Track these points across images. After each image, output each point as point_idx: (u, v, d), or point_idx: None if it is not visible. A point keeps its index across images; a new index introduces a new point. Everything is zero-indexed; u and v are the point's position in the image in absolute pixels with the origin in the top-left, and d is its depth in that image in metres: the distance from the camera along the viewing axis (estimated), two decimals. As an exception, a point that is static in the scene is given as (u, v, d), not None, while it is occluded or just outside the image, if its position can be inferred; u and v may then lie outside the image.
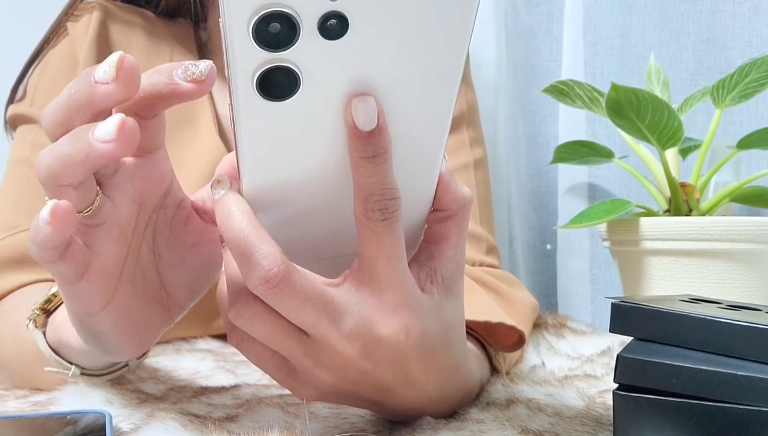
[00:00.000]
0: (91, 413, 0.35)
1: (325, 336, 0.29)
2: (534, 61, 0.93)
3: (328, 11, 0.24)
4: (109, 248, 0.32)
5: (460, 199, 0.31)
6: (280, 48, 0.24)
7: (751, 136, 0.65)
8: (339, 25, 0.24)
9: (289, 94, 0.26)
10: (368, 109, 0.26)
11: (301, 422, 0.35)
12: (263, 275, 0.27)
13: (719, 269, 0.61)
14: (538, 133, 0.93)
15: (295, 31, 0.24)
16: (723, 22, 0.81)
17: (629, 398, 0.29)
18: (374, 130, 0.26)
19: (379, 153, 0.27)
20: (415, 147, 0.28)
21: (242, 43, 0.24)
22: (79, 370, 0.40)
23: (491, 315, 0.44)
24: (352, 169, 0.27)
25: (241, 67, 0.25)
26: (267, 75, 0.25)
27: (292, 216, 0.30)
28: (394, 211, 0.28)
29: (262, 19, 0.23)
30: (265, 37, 0.24)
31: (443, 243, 0.32)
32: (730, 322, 0.29)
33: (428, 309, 0.31)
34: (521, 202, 0.92)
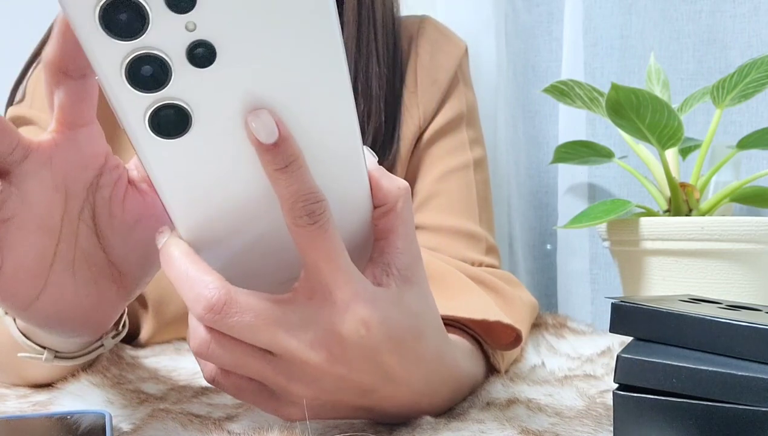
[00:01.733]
0: (91, 413, 0.35)
1: (288, 350, 0.29)
2: (534, 61, 0.93)
3: (191, 42, 0.24)
4: (25, 241, 0.31)
5: (395, 191, 0.31)
6: (159, 87, 0.25)
7: (751, 136, 0.65)
8: (206, 51, 0.24)
9: (185, 128, 0.26)
10: (264, 122, 0.26)
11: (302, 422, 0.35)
12: (206, 304, 0.28)
13: (719, 269, 0.61)
14: (538, 133, 0.93)
15: (167, 68, 0.24)
16: (723, 23, 0.81)
17: (629, 398, 0.29)
18: (278, 141, 0.26)
19: (291, 161, 0.27)
20: (328, 150, 0.28)
21: (122, 91, 0.25)
22: (53, 354, 0.40)
23: (488, 313, 0.44)
24: (271, 184, 0.28)
25: (129, 113, 0.25)
26: (156, 116, 0.25)
27: (240, 248, 0.31)
28: (322, 213, 0.28)
29: (131, 63, 0.24)
30: (141, 81, 0.24)
31: (390, 236, 0.32)
32: (730, 322, 0.29)
33: (385, 300, 0.31)
34: (521, 202, 0.92)
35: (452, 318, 0.43)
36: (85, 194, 0.33)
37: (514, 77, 0.92)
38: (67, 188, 0.32)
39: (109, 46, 0.24)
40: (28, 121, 0.60)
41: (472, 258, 0.60)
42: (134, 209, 0.34)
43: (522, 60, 0.93)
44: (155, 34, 0.24)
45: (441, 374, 0.35)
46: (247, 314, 0.28)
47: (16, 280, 0.31)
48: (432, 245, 0.59)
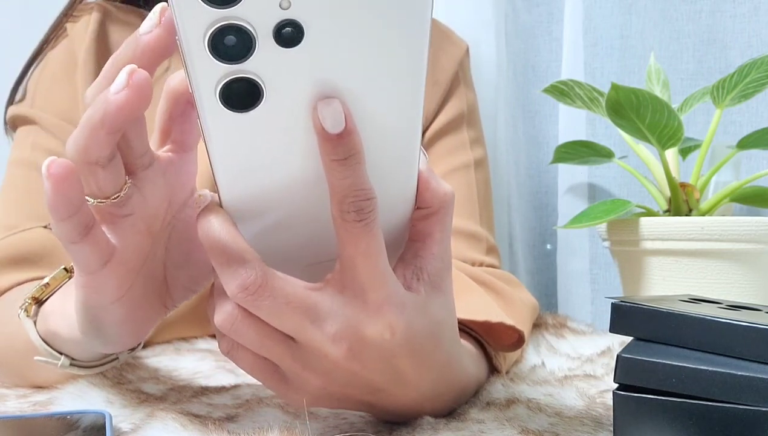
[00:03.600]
0: (91, 413, 0.35)
1: (310, 340, 0.29)
2: (534, 61, 0.93)
3: (282, 20, 0.24)
4: (134, 240, 0.32)
5: (441, 196, 0.31)
6: (238, 60, 0.25)
7: (751, 136, 0.65)
8: (294, 32, 0.24)
9: (254, 104, 0.26)
10: (334, 112, 0.26)
11: (301, 422, 0.35)
12: (241, 283, 0.28)
13: (719, 269, 0.61)
14: (538, 133, 0.93)
15: (251, 42, 0.24)
16: (723, 23, 0.81)
17: (629, 398, 0.29)
18: (343, 133, 0.26)
19: (351, 154, 0.27)
20: (387, 146, 0.28)
21: (200, 58, 0.24)
22: (69, 360, 0.40)
23: (490, 315, 0.44)
24: (325, 173, 0.28)
25: (202, 81, 0.25)
26: (229, 87, 0.25)
27: (274, 224, 0.31)
28: (370, 212, 0.28)
29: (217, 32, 0.24)
30: (222, 50, 0.24)
31: (427, 240, 0.32)
32: (730, 322, 0.29)
33: (413, 306, 0.31)
34: (521, 202, 0.92)
35: None
36: (177, 212, 0.35)
37: (514, 77, 0.92)
38: (171, 199, 0.34)
39: (199, 10, 0.23)
40: (28, 121, 0.60)
41: (473, 258, 0.60)
42: None
43: (522, 60, 0.93)
44: (248, 6, 0.23)
45: (448, 380, 0.35)
46: (279, 298, 0.28)
47: (115, 275, 0.32)
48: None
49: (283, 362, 0.31)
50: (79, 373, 0.41)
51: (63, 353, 0.40)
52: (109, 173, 0.30)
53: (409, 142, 0.28)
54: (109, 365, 0.42)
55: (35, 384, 0.45)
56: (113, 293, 0.33)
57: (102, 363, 0.42)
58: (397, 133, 0.28)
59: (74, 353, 0.40)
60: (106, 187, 0.30)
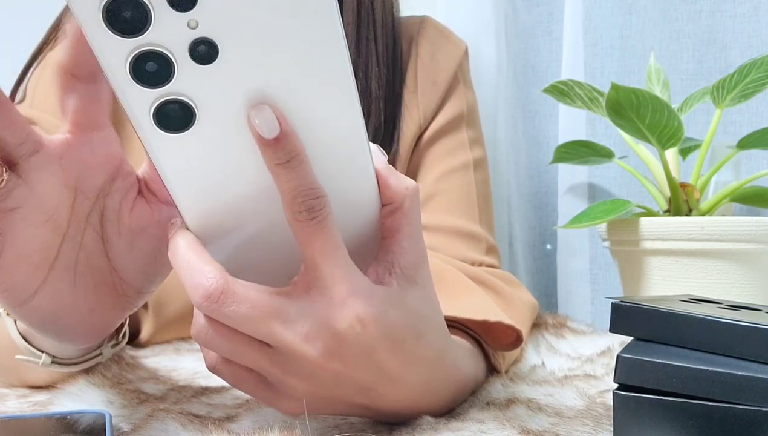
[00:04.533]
0: (91, 413, 0.35)
1: (283, 343, 0.29)
2: (534, 61, 0.93)
3: (194, 39, 0.24)
4: (30, 233, 0.31)
5: (402, 191, 0.31)
6: (162, 83, 0.25)
7: (751, 136, 0.65)
8: (208, 49, 0.25)
9: (189, 123, 0.26)
10: (266, 117, 0.26)
11: (301, 422, 0.35)
12: (203, 292, 0.28)
13: (719, 269, 0.61)
14: (538, 133, 0.93)
15: (169, 64, 0.25)
16: (723, 23, 0.81)
17: (629, 398, 0.29)
18: (279, 136, 0.27)
19: (292, 156, 0.27)
20: (332, 146, 0.28)
21: (128, 86, 0.25)
22: (50, 358, 0.40)
23: (489, 314, 0.44)
24: (273, 179, 0.28)
25: (135, 108, 0.26)
26: (161, 111, 0.26)
27: (246, 241, 0.31)
28: (321, 209, 0.28)
29: (136, 60, 0.25)
30: (145, 76, 0.25)
31: (396, 235, 0.32)
32: (730, 322, 0.29)
33: (386, 299, 0.30)
34: (521, 202, 0.92)
35: (453, 319, 0.43)
36: (96, 197, 0.33)
37: (514, 77, 0.92)
38: (77, 188, 0.32)
39: (114, 43, 0.24)
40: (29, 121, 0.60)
41: (472, 258, 0.60)
42: (142, 217, 0.35)
43: (522, 60, 0.93)
44: (158, 32, 0.24)
45: (441, 376, 0.35)
46: (243, 304, 0.28)
47: (15, 271, 0.31)
48: (432, 244, 0.60)
49: (264, 369, 0.31)
50: (62, 370, 0.41)
51: (44, 351, 0.40)
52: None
53: (354, 139, 0.28)
54: (94, 360, 0.42)
55: (29, 384, 0.45)
56: (22, 290, 0.32)
57: (85, 360, 0.41)
58: (338, 132, 0.28)
59: (54, 350, 0.40)
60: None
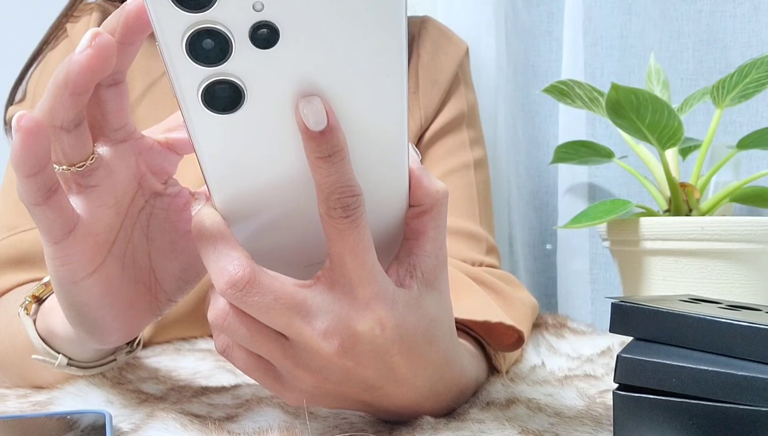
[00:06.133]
0: (91, 413, 0.35)
1: (301, 336, 0.29)
2: (534, 61, 0.93)
3: (256, 22, 0.24)
4: (101, 213, 0.32)
5: (433, 194, 0.31)
6: (217, 62, 0.25)
7: (751, 136, 0.65)
8: (270, 33, 0.24)
9: (237, 105, 0.26)
10: (315, 109, 0.26)
11: (301, 422, 0.35)
12: (229, 279, 0.28)
13: (719, 269, 0.61)
14: (538, 133, 0.93)
15: (227, 44, 0.24)
16: (723, 23, 0.81)
17: (629, 398, 0.29)
18: (325, 130, 0.26)
19: (335, 151, 0.27)
20: (373, 144, 0.28)
21: (180, 62, 0.25)
22: (66, 360, 0.40)
23: (490, 315, 0.44)
24: (311, 171, 0.28)
25: (184, 84, 0.25)
26: (210, 90, 0.26)
27: (268, 225, 0.31)
28: (356, 208, 0.28)
29: (194, 36, 0.24)
30: (200, 54, 0.25)
31: (421, 238, 0.32)
32: (730, 322, 0.29)
33: (405, 302, 0.31)
34: (521, 202, 0.92)
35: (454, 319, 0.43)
36: (149, 197, 0.35)
37: (514, 77, 0.92)
38: (140, 184, 0.34)
39: (175, 15, 0.24)
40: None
41: (473, 258, 0.60)
42: (188, 220, 0.35)
43: (522, 60, 0.93)
44: (222, 10, 0.24)
45: (446, 379, 0.35)
46: (267, 295, 0.28)
47: (82, 245, 0.32)
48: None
49: (276, 360, 0.31)
50: (77, 373, 0.41)
51: (61, 353, 0.40)
52: (74, 139, 0.30)
53: (396, 140, 0.28)
54: (108, 366, 0.42)
55: (36, 385, 0.45)
56: (82, 266, 0.32)
57: (100, 364, 0.42)
58: (383, 131, 0.28)
59: (72, 352, 0.40)
60: (72, 154, 0.30)
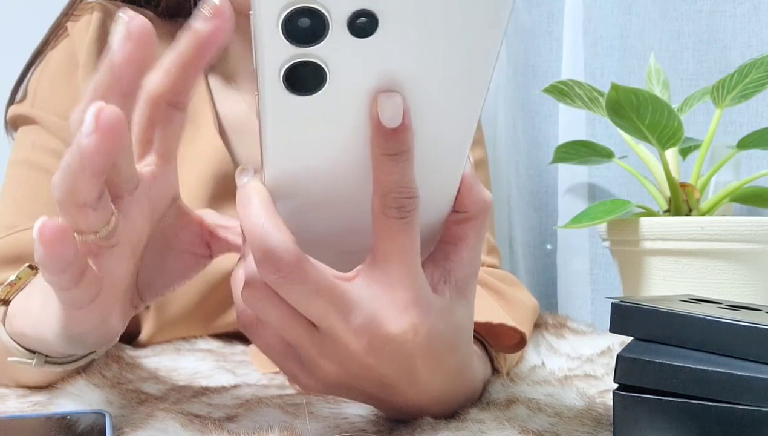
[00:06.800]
0: (91, 413, 0.35)
1: (333, 329, 0.29)
2: (534, 62, 0.93)
3: (359, 9, 0.24)
4: (122, 268, 0.32)
5: (481, 202, 0.31)
6: (309, 43, 0.24)
7: (751, 136, 0.65)
8: (369, 23, 0.24)
9: (316, 89, 0.26)
10: (394, 106, 0.26)
11: (301, 422, 0.35)
12: (275, 263, 0.27)
13: (719, 269, 0.61)
14: (538, 133, 0.93)
15: (324, 27, 0.24)
16: (723, 23, 0.81)
17: (629, 398, 0.29)
18: (399, 128, 0.26)
19: (402, 151, 0.27)
20: (438, 147, 0.28)
21: (271, 37, 0.24)
22: (43, 359, 0.39)
23: (492, 316, 0.44)
24: (372, 165, 0.27)
25: (269, 60, 0.25)
26: (294, 69, 0.25)
27: (310, 207, 0.30)
28: (412, 210, 0.28)
29: (293, 14, 0.23)
30: (295, 32, 0.24)
31: (460, 245, 0.31)
32: (730, 322, 0.29)
33: (438, 310, 0.30)
34: (521, 203, 0.92)
35: None
36: (157, 223, 0.34)
37: (514, 77, 0.92)
38: (152, 217, 0.33)
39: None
40: (29, 121, 0.60)
41: (473, 258, 0.60)
42: (184, 241, 0.35)
43: (522, 60, 0.93)
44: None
45: (459, 386, 0.35)
46: (309, 284, 0.28)
47: (104, 305, 0.32)
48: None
49: (302, 347, 0.31)
50: (56, 369, 0.40)
51: (36, 352, 0.39)
52: (100, 211, 0.29)
53: (461, 146, 0.28)
54: (87, 359, 0.41)
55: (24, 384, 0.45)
56: (97, 322, 0.32)
57: (77, 359, 0.41)
58: (451, 135, 0.28)
59: (46, 351, 0.39)
60: (96, 224, 0.29)
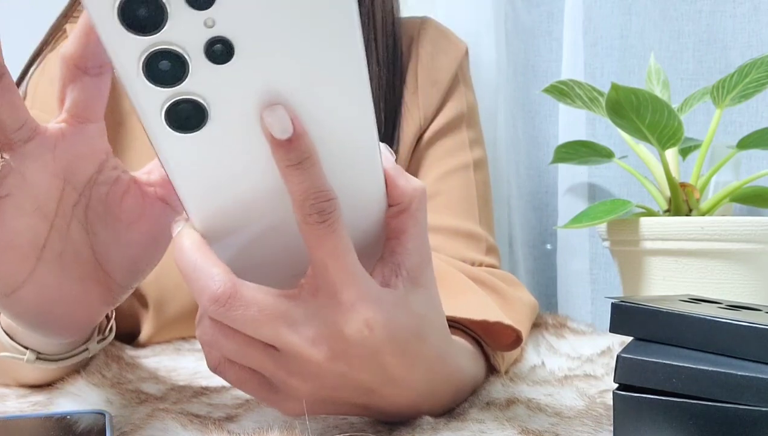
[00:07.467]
0: (91, 413, 0.35)
1: (290, 345, 0.29)
2: (534, 62, 0.93)
3: (210, 38, 0.24)
4: (19, 222, 0.31)
5: (410, 192, 0.31)
6: (176, 82, 0.25)
7: (751, 136, 0.65)
8: (224, 48, 0.24)
9: (201, 123, 0.26)
10: (280, 118, 0.26)
11: (301, 422, 0.35)
12: (211, 295, 0.28)
13: (719, 269, 0.61)
14: (538, 133, 0.93)
15: (184, 63, 0.24)
16: (723, 23, 0.81)
17: (629, 398, 0.29)
18: (292, 137, 0.26)
19: (304, 158, 0.27)
20: (343, 147, 0.28)
21: (139, 85, 0.25)
22: (35, 355, 0.39)
23: (489, 314, 0.44)
24: (283, 180, 0.28)
25: (146, 107, 0.25)
26: (173, 110, 0.25)
27: (251, 240, 0.31)
28: (332, 212, 0.28)
29: (150, 58, 0.24)
30: (159, 75, 0.24)
31: (402, 237, 0.32)
32: (730, 322, 0.29)
33: (392, 302, 0.30)
34: (521, 203, 0.92)
35: (452, 319, 0.43)
36: (82, 189, 0.33)
37: (514, 77, 0.92)
38: (65, 179, 0.32)
39: (128, 40, 0.24)
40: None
41: (472, 258, 0.60)
42: (131, 209, 0.34)
43: (522, 60, 0.93)
44: (174, 30, 0.24)
45: (442, 376, 0.35)
46: (251, 308, 0.28)
47: (5, 260, 0.31)
48: (432, 244, 0.59)
49: (268, 371, 0.31)
50: (49, 366, 0.40)
51: (28, 348, 0.39)
52: None
53: (365, 141, 0.28)
54: (80, 356, 0.41)
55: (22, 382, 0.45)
56: (11, 280, 0.31)
57: (71, 355, 0.41)
58: (351, 133, 0.28)
59: (38, 346, 0.39)
60: None
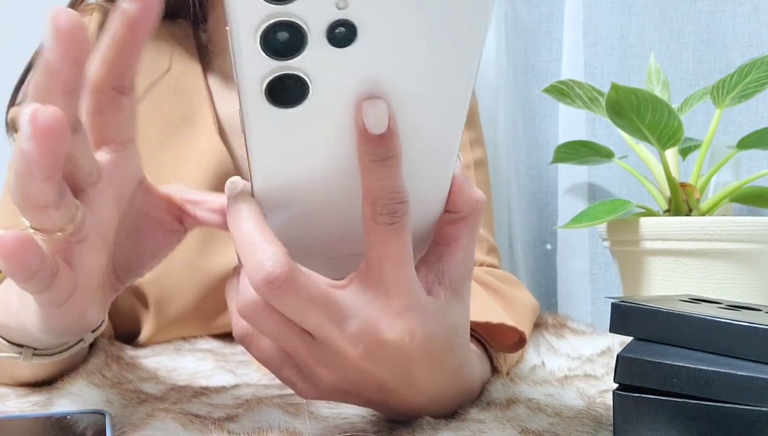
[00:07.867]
0: (91, 413, 0.35)
1: (329, 337, 0.29)
2: (534, 62, 0.93)
3: (336, 19, 0.23)
4: (95, 260, 0.31)
5: (473, 202, 0.31)
6: (288, 56, 0.24)
7: (751, 136, 0.65)
8: (347, 32, 0.24)
9: (299, 101, 0.25)
10: (379, 112, 0.26)
11: (301, 422, 0.35)
12: (266, 276, 0.27)
13: (719, 269, 0.61)
14: (538, 133, 0.93)
15: (302, 39, 0.24)
16: (723, 23, 0.81)
17: (629, 398, 0.29)
18: (385, 134, 0.26)
19: (389, 156, 0.26)
20: (427, 150, 0.28)
21: (250, 52, 0.24)
22: (31, 351, 0.39)
23: (492, 316, 0.44)
24: (361, 173, 0.27)
25: (249, 75, 0.25)
26: (276, 83, 0.25)
27: (301, 216, 0.30)
28: (403, 215, 0.28)
29: (270, 28, 0.23)
30: (273, 46, 0.24)
31: (453, 245, 0.31)
32: (730, 322, 0.29)
33: (433, 312, 0.30)
34: (521, 203, 0.92)
35: None
36: (126, 208, 0.34)
37: (514, 77, 0.92)
38: (118, 204, 0.33)
39: (256, 5, 0.23)
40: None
41: (473, 258, 0.60)
42: (155, 221, 0.35)
43: (522, 60, 0.93)
44: (304, 4, 0.23)
45: (456, 385, 0.35)
46: (302, 295, 0.28)
47: (82, 300, 0.31)
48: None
49: (298, 356, 0.31)
50: (45, 362, 0.40)
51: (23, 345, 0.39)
52: (63, 208, 0.28)
53: (450, 148, 0.28)
54: (76, 348, 0.41)
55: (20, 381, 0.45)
56: (77, 316, 0.32)
57: (67, 348, 0.41)
58: (439, 137, 0.28)
59: (28, 342, 0.39)
60: (61, 222, 0.28)
